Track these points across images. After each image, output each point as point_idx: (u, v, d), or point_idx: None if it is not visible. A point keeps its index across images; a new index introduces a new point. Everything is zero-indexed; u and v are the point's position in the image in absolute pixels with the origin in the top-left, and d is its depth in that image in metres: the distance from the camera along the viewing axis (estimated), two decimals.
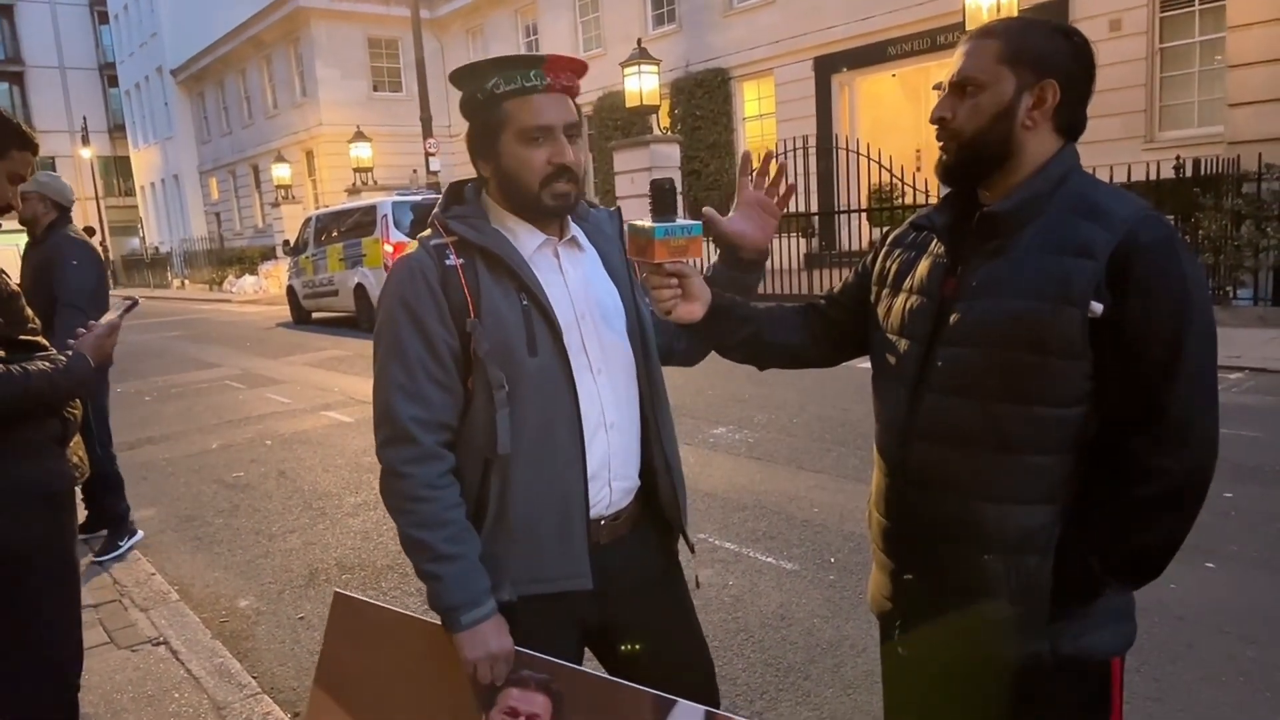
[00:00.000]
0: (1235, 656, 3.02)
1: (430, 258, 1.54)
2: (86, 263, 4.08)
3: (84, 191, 39.41)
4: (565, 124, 1.52)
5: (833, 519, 4.54)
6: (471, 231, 1.55)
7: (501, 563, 1.55)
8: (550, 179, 1.52)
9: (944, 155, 1.42)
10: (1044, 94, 1.35)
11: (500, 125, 1.53)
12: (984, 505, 1.37)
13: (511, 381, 1.51)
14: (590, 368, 1.59)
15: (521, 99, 1.51)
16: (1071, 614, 1.36)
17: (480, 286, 1.52)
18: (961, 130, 1.38)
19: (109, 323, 2.31)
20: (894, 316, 1.51)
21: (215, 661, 3.32)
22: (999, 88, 1.35)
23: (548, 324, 1.54)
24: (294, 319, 16.98)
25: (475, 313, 1.51)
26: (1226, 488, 4.45)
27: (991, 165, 1.38)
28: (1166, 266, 1.26)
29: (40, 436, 2.18)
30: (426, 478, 1.51)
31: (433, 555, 1.50)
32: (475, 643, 1.50)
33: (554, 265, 1.62)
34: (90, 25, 48.38)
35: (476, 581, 1.51)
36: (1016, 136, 1.36)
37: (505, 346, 1.51)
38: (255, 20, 29.10)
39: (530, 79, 1.50)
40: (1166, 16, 13.29)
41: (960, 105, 1.38)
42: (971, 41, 1.39)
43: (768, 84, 19.25)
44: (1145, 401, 1.27)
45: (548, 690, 1.54)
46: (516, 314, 1.52)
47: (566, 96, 1.55)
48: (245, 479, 6.08)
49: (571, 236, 1.65)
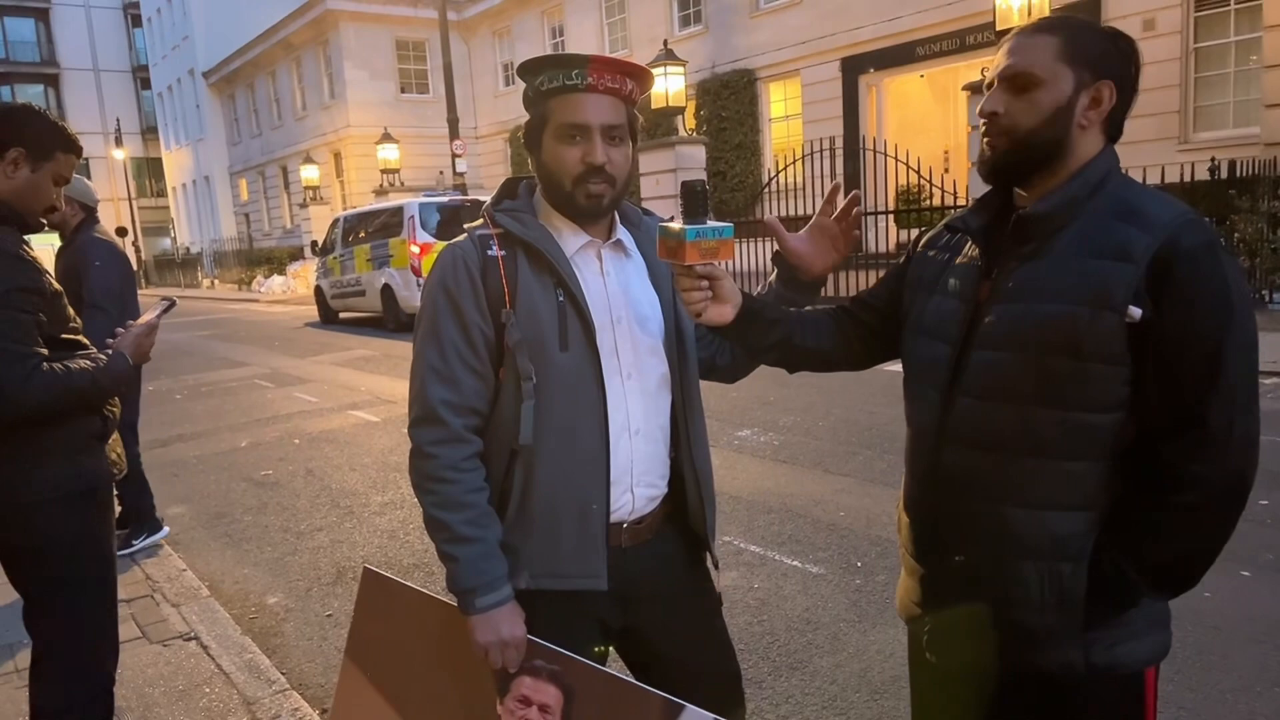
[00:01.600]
0: (1271, 667, 2.97)
1: (474, 247, 1.57)
2: (110, 263, 4.13)
3: (116, 192, 40.12)
4: (603, 124, 1.52)
5: (859, 523, 4.51)
6: (516, 225, 1.57)
7: (521, 553, 1.57)
8: (583, 178, 1.53)
9: (990, 151, 1.39)
10: (1100, 94, 1.32)
11: (544, 121, 1.56)
12: (1017, 511, 1.35)
13: (540, 375, 1.53)
14: (620, 371, 1.60)
15: (564, 97, 1.53)
16: (1105, 623, 1.34)
17: (519, 279, 1.54)
18: (1015, 126, 1.35)
19: (148, 323, 2.34)
20: (927, 319, 1.49)
21: (245, 657, 3.36)
22: (1058, 85, 1.32)
23: (582, 322, 1.55)
24: (321, 319, 17.16)
25: (511, 304, 1.53)
26: (1263, 495, 4.37)
27: (1039, 164, 1.36)
28: (1208, 272, 1.24)
29: (82, 434, 2.22)
30: (451, 460, 1.53)
31: (451, 536, 1.53)
32: (487, 627, 1.51)
33: (595, 266, 1.62)
34: (124, 28, 49.18)
35: (493, 567, 1.53)
36: (1071, 135, 1.33)
37: (537, 339, 1.53)
38: (285, 23, 29.46)
39: (572, 78, 1.51)
40: (1201, 16, 13.10)
41: (1014, 101, 1.35)
42: (1026, 37, 1.36)
43: (794, 85, 19.19)
44: (1184, 409, 1.25)
45: (560, 682, 1.55)
46: (552, 309, 1.54)
47: (612, 98, 1.54)
48: (274, 477, 6.14)
49: (618, 240, 1.65)
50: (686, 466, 1.68)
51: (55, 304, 2.16)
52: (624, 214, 1.70)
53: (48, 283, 2.13)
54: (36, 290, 2.08)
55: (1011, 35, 1.39)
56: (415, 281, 13.81)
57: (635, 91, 1.57)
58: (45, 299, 2.11)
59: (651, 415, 1.64)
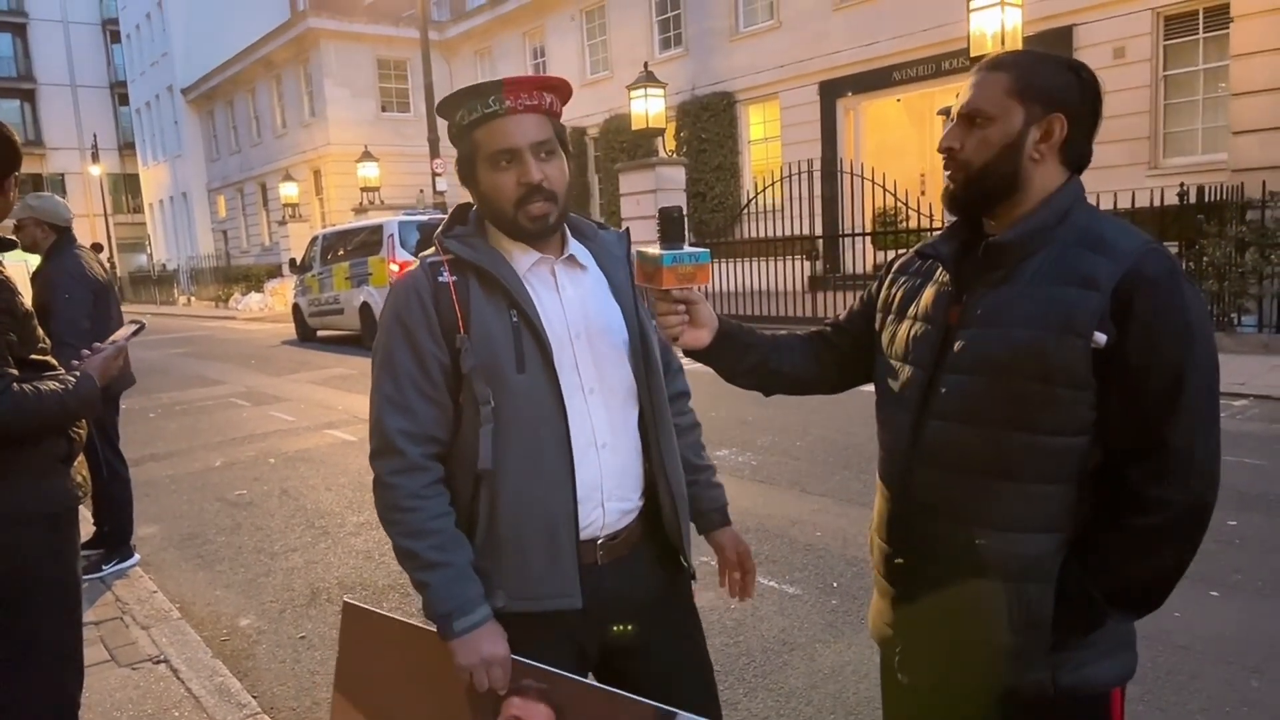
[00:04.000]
0: (1239, 687, 3.00)
1: (425, 275, 1.58)
2: (79, 295, 4.09)
3: (92, 208, 39.79)
4: (532, 143, 1.52)
5: (835, 543, 4.53)
6: (466, 249, 1.58)
7: (493, 577, 1.57)
8: (523, 200, 1.53)
9: (951, 185, 1.44)
10: (1051, 127, 1.36)
11: (473, 154, 1.56)
12: (986, 532, 1.37)
13: (498, 397, 1.52)
14: (582, 387, 1.59)
15: (486, 125, 1.52)
16: (1073, 644, 1.36)
17: (471, 303, 1.55)
18: (970, 161, 1.39)
19: (117, 345, 2.33)
20: (898, 343, 1.52)
21: (215, 680, 3.31)
22: (1008, 120, 1.36)
23: (537, 341, 1.54)
24: (299, 337, 17.04)
25: (465, 329, 1.53)
26: (1231, 516, 4.43)
27: (998, 196, 1.40)
28: (1170, 299, 1.27)
29: (47, 455, 2.19)
30: (412, 488, 1.54)
31: (421, 564, 1.52)
32: (468, 649, 1.50)
33: (550, 283, 1.62)
34: (102, 44, 48.97)
35: (466, 588, 1.52)
36: (1024, 169, 1.37)
37: (492, 363, 1.52)
38: (266, 40, 29.43)
39: (490, 104, 1.51)
40: (1170, 44, 13.39)
41: (969, 136, 1.39)
42: (981, 74, 1.41)
43: (773, 107, 19.39)
44: (1146, 432, 1.28)
45: (549, 700, 1.54)
46: (506, 331, 1.54)
47: (534, 115, 1.53)
48: (248, 497, 6.08)
49: (571, 255, 1.65)
50: (659, 477, 1.67)
51: (26, 325, 2.14)
52: (576, 228, 1.70)
53: (19, 303, 2.11)
54: (8, 310, 2.06)
55: (972, 72, 1.44)
56: None
57: (555, 104, 1.57)
58: (16, 319, 2.09)
59: (619, 428, 1.63)
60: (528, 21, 25.33)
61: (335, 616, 3.97)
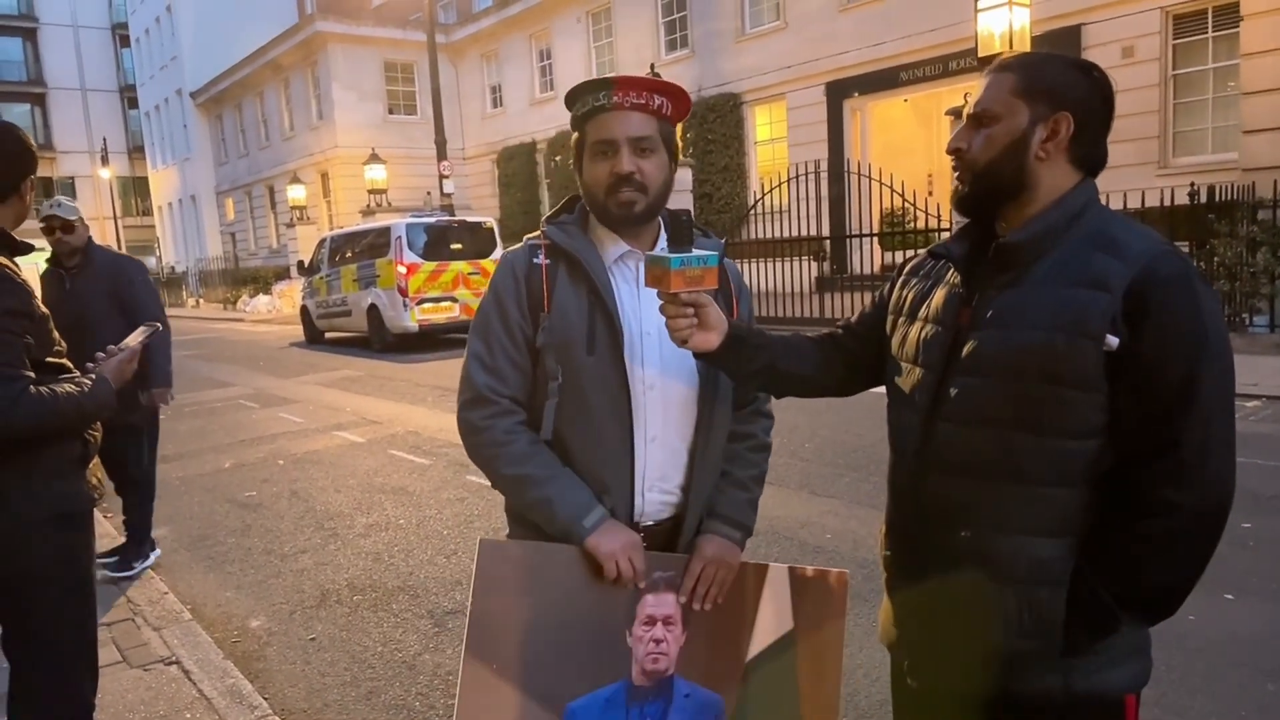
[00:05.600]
0: (1255, 690, 2.98)
1: (524, 254, 1.73)
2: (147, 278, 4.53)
3: (102, 211, 39.93)
4: (629, 137, 1.62)
5: (845, 546, 4.51)
6: (561, 235, 1.71)
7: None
8: (613, 188, 1.63)
9: (959, 185, 1.44)
10: (1058, 126, 1.36)
11: (582, 143, 1.69)
12: (997, 536, 1.37)
13: (566, 375, 1.64)
14: (643, 381, 1.67)
15: (595, 118, 1.65)
16: (1085, 649, 1.35)
17: (557, 285, 1.68)
18: (976, 161, 1.40)
19: (131, 348, 2.34)
20: (909, 345, 1.51)
21: (227, 682, 3.32)
22: (1013, 119, 1.37)
23: (610, 328, 1.64)
24: (307, 339, 17.08)
25: (548, 307, 1.66)
26: (1245, 518, 4.40)
27: (1005, 196, 1.40)
28: (1183, 301, 1.26)
29: (63, 458, 2.20)
30: (506, 425, 1.67)
31: (534, 482, 1.64)
32: (608, 539, 1.61)
33: (632, 276, 1.71)
34: (112, 48, 49.20)
35: (581, 491, 1.64)
36: (1030, 168, 1.37)
37: (566, 341, 1.65)
38: (274, 44, 29.52)
39: (599, 99, 1.63)
40: (1180, 43, 13.33)
41: (975, 136, 1.40)
42: (989, 75, 1.41)
43: (780, 108, 19.36)
44: (1159, 436, 1.27)
45: (675, 587, 1.68)
46: (583, 314, 1.65)
47: (639, 114, 1.63)
48: (257, 499, 6.10)
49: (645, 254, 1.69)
50: (693, 483, 1.73)
51: (42, 327, 2.16)
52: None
53: (36, 306, 2.12)
54: (26, 313, 2.08)
55: (984, 73, 1.44)
56: (402, 302, 13.80)
57: (666, 107, 1.66)
58: (34, 322, 2.11)
59: (672, 426, 1.71)
60: (534, 24, 25.36)
61: (345, 618, 3.98)
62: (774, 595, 1.74)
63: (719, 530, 1.75)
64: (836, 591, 1.77)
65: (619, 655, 1.65)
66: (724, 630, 1.72)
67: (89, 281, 4.29)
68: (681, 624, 1.68)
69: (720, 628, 1.71)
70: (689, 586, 1.69)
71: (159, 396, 4.54)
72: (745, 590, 1.74)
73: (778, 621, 1.73)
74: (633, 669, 1.65)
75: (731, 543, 1.74)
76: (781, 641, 1.73)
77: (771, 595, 1.74)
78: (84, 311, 4.09)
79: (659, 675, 1.65)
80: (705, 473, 1.75)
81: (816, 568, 1.79)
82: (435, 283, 13.98)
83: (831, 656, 1.75)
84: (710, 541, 1.72)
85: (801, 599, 1.74)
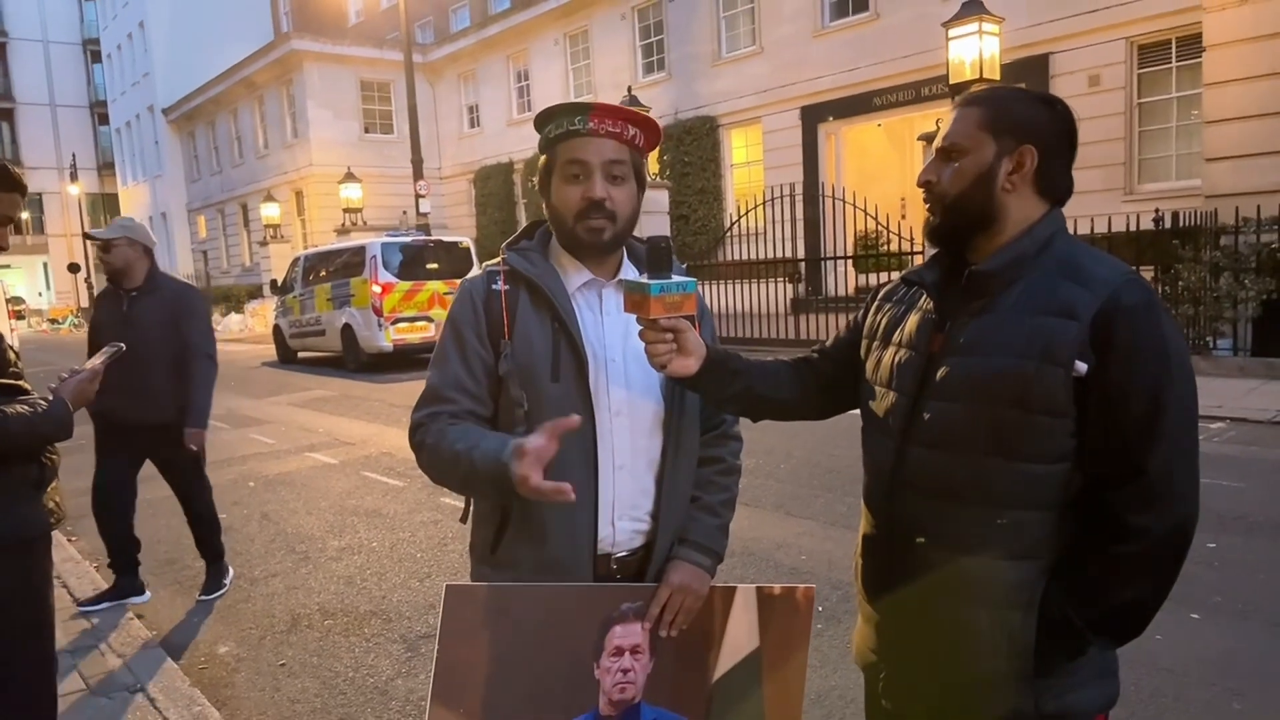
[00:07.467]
0: (1221, 708, 3.02)
1: (483, 281, 1.70)
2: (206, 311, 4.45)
3: (70, 228, 39.49)
4: (604, 161, 1.61)
5: (820, 566, 4.53)
6: (523, 262, 1.68)
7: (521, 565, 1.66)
8: (584, 213, 1.61)
9: (931, 217, 1.48)
10: (1023, 159, 1.40)
11: (552, 164, 1.66)
12: (969, 559, 1.38)
13: (531, 403, 1.61)
14: (609, 408, 1.65)
15: (569, 140, 1.62)
16: (1055, 671, 1.37)
17: (518, 312, 1.65)
18: (946, 193, 1.44)
19: (92, 368, 2.31)
20: (883, 370, 1.54)
21: (193, 710, 3.26)
22: (980, 153, 1.41)
23: (574, 355, 1.62)
24: (279, 358, 16.93)
25: (509, 335, 1.64)
26: (1210, 538, 4.47)
27: (975, 227, 1.43)
28: (1148, 328, 1.30)
29: (17, 480, 2.16)
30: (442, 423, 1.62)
31: (464, 448, 1.53)
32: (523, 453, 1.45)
33: (595, 304, 1.70)
34: (83, 64, 48.81)
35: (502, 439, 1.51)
36: (997, 199, 1.41)
37: (530, 369, 1.62)
38: (249, 61, 29.41)
39: (574, 123, 1.61)
40: (1144, 72, 13.66)
41: (945, 169, 1.44)
42: (957, 109, 1.46)
43: (755, 132, 19.57)
44: (1125, 460, 1.30)
45: (642, 616, 1.66)
46: (546, 341, 1.63)
47: (614, 141, 1.62)
48: (227, 521, 5.99)
49: (622, 280, 1.68)
50: (663, 509, 1.71)
51: None
52: (639, 257, 1.75)
53: None
54: None
55: (952, 107, 1.49)
56: (376, 321, 13.72)
57: (639, 138, 1.66)
58: None
59: (640, 453, 1.69)
60: (512, 45, 25.49)
61: (316, 643, 3.93)
62: (741, 616, 1.75)
63: (689, 557, 1.71)
64: (803, 607, 1.79)
65: (587, 688, 1.64)
66: (691, 654, 1.72)
67: (148, 311, 4.18)
68: (650, 651, 1.67)
69: (688, 651, 1.72)
70: (654, 613, 1.66)
71: (191, 439, 4.31)
72: (713, 613, 1.74)
73: (745, 641, 1.75)
74: (600, 700, 1.64)
75: (701, 570, 1.71)
76: (748, 661, 1.75)
77: (739, 616, 1.75)
78: (140, 339, 3.87)
79: (626, 704, 1.65)
80: (675, 498, 1.73)
81: (784, 585, 1.79)
82: (410, 302, 13.93)
83: (796, 670, 1.78)
84: (679, 569, 1.69)
85: (768, 617, 1.75)
